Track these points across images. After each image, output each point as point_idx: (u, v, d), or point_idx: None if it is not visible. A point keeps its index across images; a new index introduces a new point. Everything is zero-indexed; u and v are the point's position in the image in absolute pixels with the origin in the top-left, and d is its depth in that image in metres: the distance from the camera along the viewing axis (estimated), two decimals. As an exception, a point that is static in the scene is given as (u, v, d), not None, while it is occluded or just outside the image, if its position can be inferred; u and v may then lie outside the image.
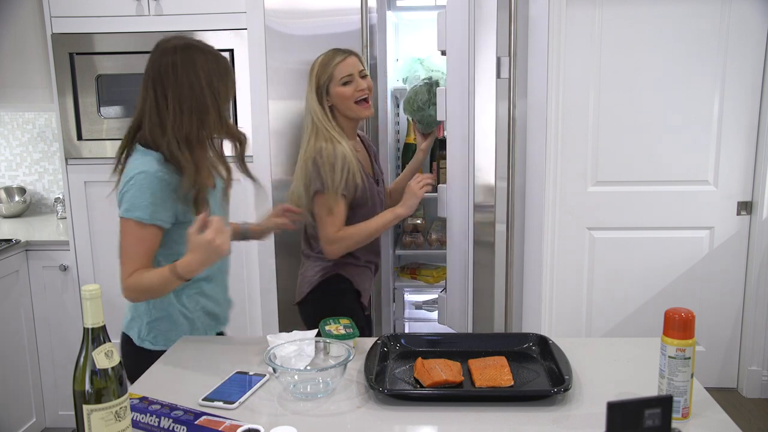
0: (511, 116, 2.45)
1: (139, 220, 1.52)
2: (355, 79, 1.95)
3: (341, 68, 1.94)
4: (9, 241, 2.65)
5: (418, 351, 1.51)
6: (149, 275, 1.52)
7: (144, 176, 1.52)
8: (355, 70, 1.95)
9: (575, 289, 3.06)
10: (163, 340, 1.65)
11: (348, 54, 1.96)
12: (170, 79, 1.53)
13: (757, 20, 2.83)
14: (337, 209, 1.94)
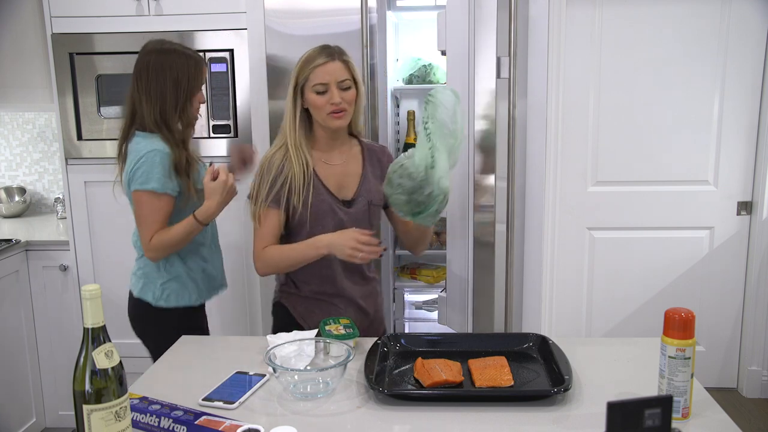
0: (511, 116, 2.45)
1: (153, 190, 1.84)
2: (330, 90, 1.69)
3: (317, 74, 1.69)
4: (9, 241, 2.65)
5: (418, 351, 1.51)
6: (172, 230, 1.87)
7: (154, 153, 1.84)
8: (333, 79, 1.68)
9: (575, 289, 3.06)
10: (175, 299, 1.96)
11: (332, 58, 1.70)
12: (145, 75, 1.89)
13: (757, 20, 2.83)
14: (265, 222, 1.75)
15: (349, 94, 1.72)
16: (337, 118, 1.72)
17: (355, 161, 1.83)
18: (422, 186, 1.51)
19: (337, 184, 1.79)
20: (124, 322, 2.75)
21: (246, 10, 2.50)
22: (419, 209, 1.55)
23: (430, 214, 1.57)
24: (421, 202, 1.54)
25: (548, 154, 2.69)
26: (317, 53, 1.71)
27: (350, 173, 1.81)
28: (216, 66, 2.57)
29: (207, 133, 2.62)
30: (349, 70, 1.72)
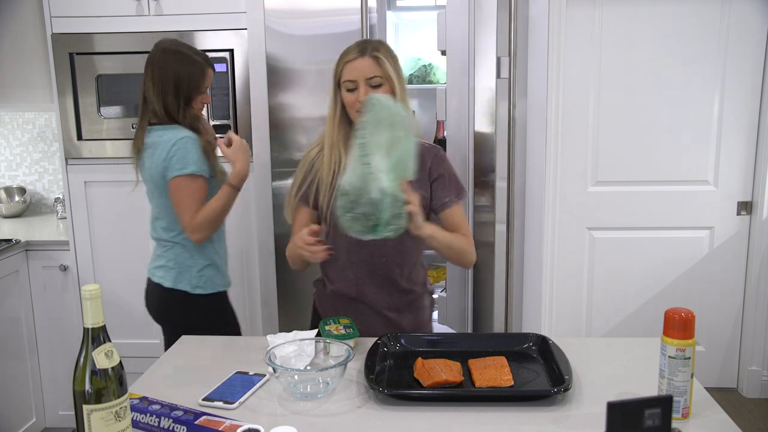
0: (511, 116, 2.45)
1: (191, 173, 1.94)
2: (359, 88, 1.61)
3: (347, 70, 1.63)
4: (9, 241, 2.65)
5: (418, 351, 1.51)
6: (210, 205, 1.97)
7: (186, 140, 1.96)
8: (362, 76, 1.61)
9: (575, 289, 3.06)
10: (211, 285, 2.05)
11: (361, 54, 1.62)
12: (150, 70, 1.99)
13: (757, 20, 2.83)
14: (296, 219, 1.75)
15: (378, 92, 1.61)
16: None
17: None
18: (360, 196, 1.41)
19: None
20: (124, 322, 2.76)
21: (246, 10, 2.50)
22: (373, 222, 1.43)
23: (389, 225, 1.43)
24: (369, 214, 1.42)
25: (548, 154, 2.69)
26: (351, 48, 1.65)
27: None
28: (216, 66, 2.56)
29: (207, 133, 2.62)
30: (381, 67, 1.61)
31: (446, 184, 1.72)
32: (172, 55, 1.99)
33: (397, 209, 1.42)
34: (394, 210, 1.42)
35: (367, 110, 1.46)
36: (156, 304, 2.10)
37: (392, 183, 1.40)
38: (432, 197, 1.72)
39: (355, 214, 1.42)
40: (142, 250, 2.72)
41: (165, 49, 2.00)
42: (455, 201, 1.72)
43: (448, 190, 1.72)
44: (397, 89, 1.64)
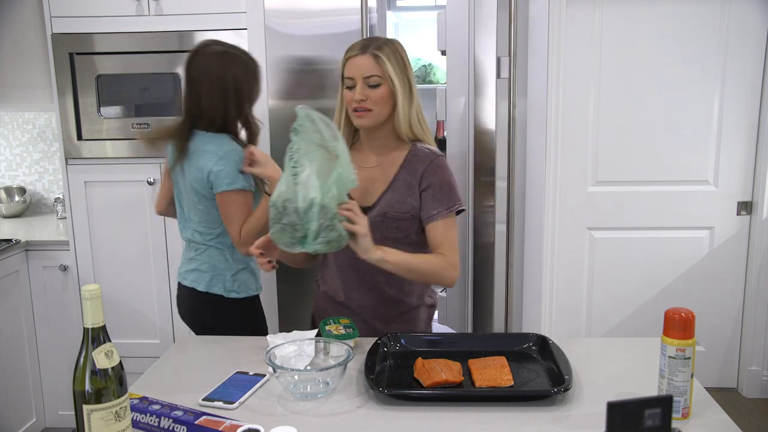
0: (511, 116, 2.45)
1: (241, 188, 1.90)
2: (357, 86, 1.58)
3: (347, 66, 1.60)
4: (9, 241, 2.65)
5: (418, 351, 1.51)
6: (253, 218, 1.90)
7: (233, 153, 1.90)
8: (359, 74, 1.57)
9: (575, 289, 3.06)
10: (245, 289, 2.02)
11: (362, 51, 1.58)
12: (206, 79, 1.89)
13: (757, 20, 2.83)
14: None
15: (376, 92, 1.58)
16: (359, 117, 1.60)
17: (391, 167, 1.67)
18: (286, 207, 1.38)
19: (363, 189, 1.64)
20: (124, 322, 2.76)
21: (246, 10, 2.50)
22: (300, 233, 1.39)
23: (318, 237, 1.38)
24: (295, 224, 1.38)
25: (548, 154, 2.69)
26: (356, 44, 1.61)
27: (380, 179, 1.66)
28: (216, 66, 2.56)
29: (207, 133, 2.62)
30: (380, 66, 1.57)
31: (437, 195, 1.63)
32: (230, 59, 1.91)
33: (327, 221, 1.37)
34: (323, 222, 1.37)
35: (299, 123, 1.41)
36: (188, 307, 2.07)
37: (321, 194, 1.36)
38: (421, 207, 1.64)
39: (282, 225, 1.39)
40: (142, 250, 2.72)
41: (220, 52, 1.91)
42: (443, 214, 1.63)
43: (438, 201, 1.63)
44: (398, 91, 1.59)
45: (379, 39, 1.62)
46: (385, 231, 1.62)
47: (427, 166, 1.64)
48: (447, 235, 1.63)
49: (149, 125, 2.63)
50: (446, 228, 1.64)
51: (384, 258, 1.50)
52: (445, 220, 1.63)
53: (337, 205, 1.39)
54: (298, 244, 1.40)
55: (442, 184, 1.64)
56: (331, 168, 1.39)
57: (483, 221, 2.56)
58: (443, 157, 1.68)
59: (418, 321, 1.76)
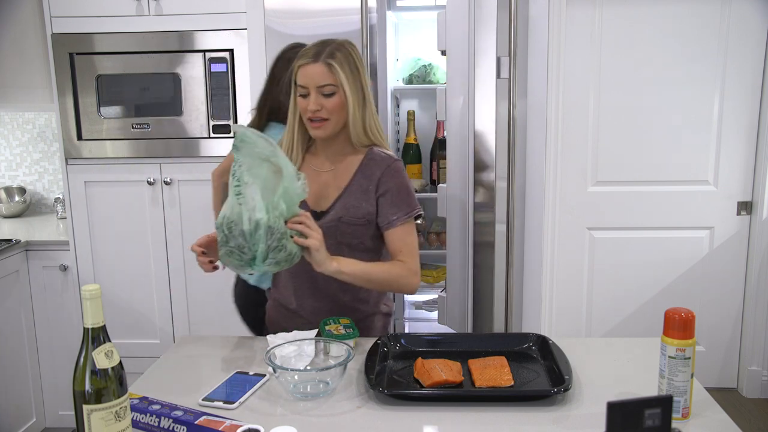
0: (511, 116, 2.45)
1: None
2: (311, 95, 1.53)
3: (299, 74, 1.53)
4: (9, 241, 2.65)
5: (418, 351, 1.51)
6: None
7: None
8: (313, 84, 1.51)
9: (575, 289, 3.06)
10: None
11: (314, 59, 1.51)
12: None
13: (757, 20, 2.83)
14: None
15: (331, 101, 1.52)
16: (316, 128, 1.55)
17: (346, 172, 1.63)
18: (232, 230, 1.35)
19: (317, 194, 1.62)
20: (124, 322, 2.76)
21: (246, 10, 2.50)
22: (248, 255, 1.36)
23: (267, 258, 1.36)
24: (243, 247, 1.35)
25: (548, 154, 2.69)
26: (306, 50, 1.54)
27: (334, 184, 1.63)
28: (216, 66, 2.57)
29: (207, 133, 2.62)
30: (333, 75, 1.50)
31: (395, 200, 1.60)
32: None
33: (274, 242, 1.35)
34: (271, 243, 1.35)
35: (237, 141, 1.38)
36: (243, 298, 2.14)
37: (267, 214, 1.34)
38: (378, 213, 1.60)
39: (229, 248, 1.36)
40: (142, 250, 2.73)
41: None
42: (402, 220, 1.59)
43: (397, 207, 1.59)
44: (350, 100, 1.53)
45: (332, 44, 1.55)
46: (339, 237, 1.60)
47: (384, 171, 1.60)
48: (406, 240, 1.61)
49: (149, 125, 2.63)
50: (405, 233, 1.61)
51: (340, 269, 1.48)
52: (404, 226, 1.61)
53: (285, 221, 1.38)
54: (247, 266, 1.38)
55: (400, 189, 1.61)
56: (277, 182, 1.37)
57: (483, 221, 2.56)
58: (400, 161, 1.65)
59: (373, 329, 1.71)
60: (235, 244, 1.35)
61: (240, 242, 1.34)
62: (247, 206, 1.34)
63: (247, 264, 1.37)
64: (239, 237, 1.34)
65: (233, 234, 1.35)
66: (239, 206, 1.34)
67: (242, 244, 1.35)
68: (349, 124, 1.57)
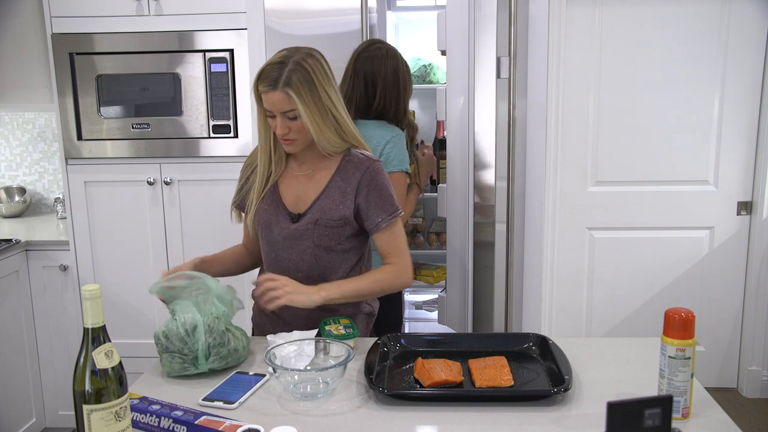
0: (511, 116, 2.45)
1: (406, 170, 2.16)
2: (277, 118, 1.54)
3: (264, 98, 1.54)
4: (9, 241, 2.65)
5: (418, 351, 1.51)
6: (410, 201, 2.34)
7: (399, 137, 2.15)
8: (276, 109, 1.53)
9: (575, 289, 3.06)
10: None
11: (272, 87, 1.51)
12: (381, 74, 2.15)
13: (757, 20, 2.83)
14: (243, 223, 1.77)
15: (296, 123, 1.53)
16: (287, 145, 1.59)
17: (324, 174, 1.63)
18: (168, 337, 1.42)
19: (296, 196, 1.64)
20: (124, 322, 2.76)
21: (246, 10, 2.50)
22: (191, 356, 1.41)
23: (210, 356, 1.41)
24: (182, 349, 1.41)
25: (548, 154, 2.69)
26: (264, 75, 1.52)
27: (312, 186, 1.64)
28: (216, 66, 2.57)
29: (207, 133, 2.62)
30: (291, 101, 1.50)
31: (378, 203, 1.61)
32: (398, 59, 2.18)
33: (213, 339, 1.41)
34: (212, 340, 1.41)
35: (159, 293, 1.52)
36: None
37: (198, 315, 1.43)
38: (364, 217, 1.62)
39: (170, 354, 1.42)
40: (142, 250, 2.73)
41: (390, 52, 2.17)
42: (387, 221, 1.61)
43: (381, 209, 1.61)
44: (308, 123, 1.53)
45: (289, 63, 1.52)
46: (317, 239, 1.62)
47: (364, 173, 1.61)
48: (394, 242, 1.64)
49: (149, 125, 2.63)
50: (392, 235, 1.63)
51: (329, 297, 1.54)
52: (390, 227, 1.62)
53: (225, 321, 1.45)
54: (191, 367, 1.42)
55: (383, 191, 1.62)
56: (208, 297, 1.47)
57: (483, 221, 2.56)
58: (380, 162, 1.66)
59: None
60: (174, 348, 1.41)
61: (179, 346, 1.41)
62: (179, 316, 1.44)
63: (191, 364, 1.42)
64: (177, 342, 1.41)
65: (171, 341, 1.42)
66: (174, 321, 1.44)
67: (181, 347, 1.41)
68: (316, 138, 1.57)
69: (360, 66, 2.15)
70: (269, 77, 1.51)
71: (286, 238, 1.64)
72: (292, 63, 1.52)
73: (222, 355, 1.43)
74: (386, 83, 2.15)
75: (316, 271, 1.65)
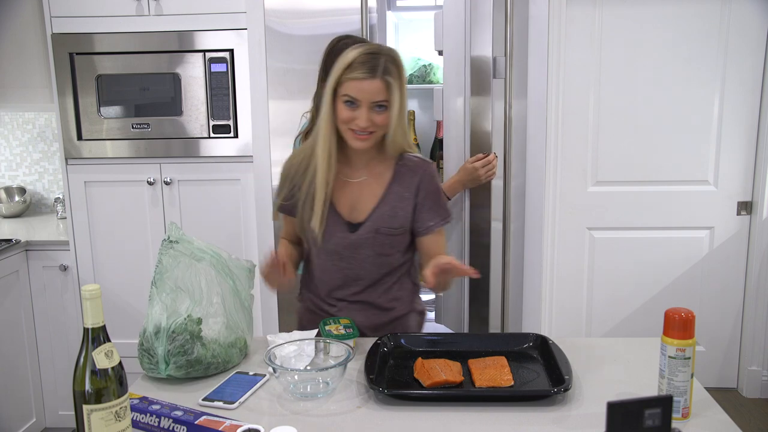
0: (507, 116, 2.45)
1: None
2: (360, 109, 1.48)
3: (350, 86, 1.48)
4: (9, 241, 2.65)
5: (418, 351, 1.51)
6: None
7: None
8: (367, 99, 1.47)
9: (575, 289, 3.06)
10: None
11: (371, 75, 1.46)
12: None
13: (757, 20, 2.83)
14: (284, 227, 1.71)
15: (381, 116, 1.49)
16: (360, 140, 1.51)
17: (380, 180, 1.60)
18: (145, 330, 1.41)
19: (351, 204, 1.60)
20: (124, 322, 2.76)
21: (246, 10, 2.50)
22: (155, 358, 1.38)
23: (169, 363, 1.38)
24: (149, 349, 1.39)
25: (548, 154, 2.69)
26: (359, 63, 1.46)
27: (368, 193, 1.60)
28: (216, 66, 2.57)
29: (207, 133, 2.62)
30: (389, 92, 1.47)
31: (433, 206, 1.61)
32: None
33: (176, 347, 1.37)
34: (173, 347, 1.37)
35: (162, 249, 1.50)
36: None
37: (169, 318, 1.39)
38: (415, 218, 1.60)
39: (141, 350, 1.41)
40: (142, 250, 2.72)
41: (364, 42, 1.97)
42: (439, 225, 1.61)
43: (435, 212, 1.61)
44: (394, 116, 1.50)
45: (383, 57, 1.48)
46: (378, 247, 1.59)
47: (422, 177, 1.60)
48: (442, 247, 1.63)
49: (149, 125, 2.63)
50: (441, 240, 1.64)
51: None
52: (440, 231, 1.63)
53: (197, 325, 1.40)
54: (155, 369, 1.39)
55: (437, 194, 1.63)
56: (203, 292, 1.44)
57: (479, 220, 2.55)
58: (434, 165, 1.65)
59: (409, 328, 1.73)
60: (145, 347, 1.41)
61: (148, 345, 1.40)
62: (152, 309, 1.42)
63: (155, 366, 1.39)
64: (148, 341, 1.40)
65: (145, 336, 1.41)
66: (148, 316, 1.42)
67: (148, 347, 1.40)
68: (390, 135, 1.54)
69: (330, 64, 2.07)
70: (367, 65, 1.46)
71: (345, 248, 1.59)
72: (386, 55, 1.49)
73: (180, 364, 1.37)
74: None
75: (375, 278, 1.64)
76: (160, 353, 1.38)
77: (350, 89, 1.47)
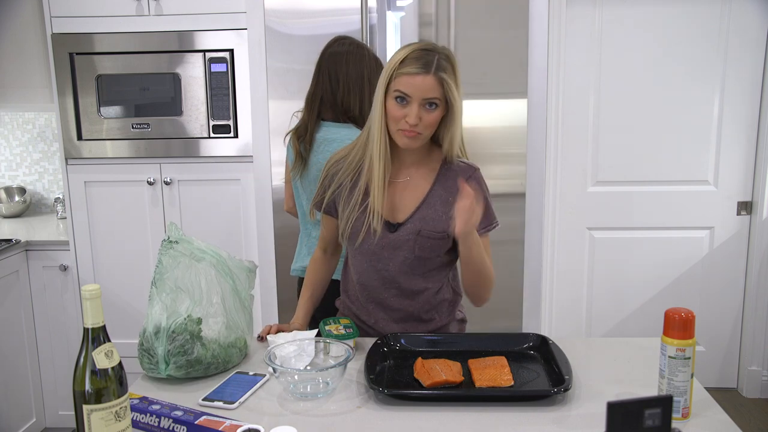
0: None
1: None
2: (411, 105, 1.44)
3: (402, 81, 1.44)
4: (9, 241, 2.65)
5: (418, 351, 1.51)
6: None
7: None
8: (418, 95, 1.43)
9: (575, 289, 3.07)
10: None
11: (425, 70, 1.42)
12: (343, 68, 1.97)
13: (757, 20, 2.83)
14: (325, 224, 1.68)
15: (432, 115, 1.45)
16: (407, 137, 1.47)
17: (424, 182, 1.56)
18: (145, 330, 1.41)
19: (390, 204, 1.55)
20: (124, 322, 2.76)
21: (246, 10, 2.50)
22: (156, 359, 1.38)
23: (169, 364, 1.37)
24: (149, 349, 1.39)
25: (548, 154, 2.69)
26: (413, 58, 1.43)
27: (411, 194, 1.56)
28: (216, 66, 2.57)
29: (207, 133, 2.62)
30: (443, 89, 1.43)
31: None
32: (364, 52, 2.00)
33: (176, 347, 1.37)
34: (173, 347, 1.37)
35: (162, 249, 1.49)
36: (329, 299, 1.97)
37: (169, 318, 1.39)
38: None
39: (141, 350, 1.41)
40: (142, 250, 2.72)
41: (353, 44, 1.99)
42: (487, 230, 1.57)
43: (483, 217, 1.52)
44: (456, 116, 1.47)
45: (439, 52, 1.45)
46: (417, 250, 1.55)
47: (468, 181, 1.52)
48: (488, 253, 1.57)
49: (149, 125, 2.63)
50: (486, 245, 1.57)
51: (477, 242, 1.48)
52: (486, 237, 1.58)
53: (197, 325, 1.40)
54: (155, 369, 1.39)
55: (485, 200, 1.55)
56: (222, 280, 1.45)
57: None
58: (480, 170, 1.59)
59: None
60: (145, 347, 1.41)
61: (148, 345, 1.40)
62: (152, 309, 1.42)
63: (155, 366, 1.39)
64: (148, 340, 1.40)
65: (145, 336, 1.41)
66: (150, 309, 1.42)
67: (148, 347, 1.40)
68: (448, 138, 1.51)
69: (324, 64, 2.02)
70: (421, 60, 1.43)
71: (384, 248, 1.55)
72: (441, 53, 1.46)
73: (179, 364, 1.37)
74: (348, 79, 1.98)
75: (412, 281, 1.59)
76: (160, 353, 1.38)
77: (402, 84, 1.44)
